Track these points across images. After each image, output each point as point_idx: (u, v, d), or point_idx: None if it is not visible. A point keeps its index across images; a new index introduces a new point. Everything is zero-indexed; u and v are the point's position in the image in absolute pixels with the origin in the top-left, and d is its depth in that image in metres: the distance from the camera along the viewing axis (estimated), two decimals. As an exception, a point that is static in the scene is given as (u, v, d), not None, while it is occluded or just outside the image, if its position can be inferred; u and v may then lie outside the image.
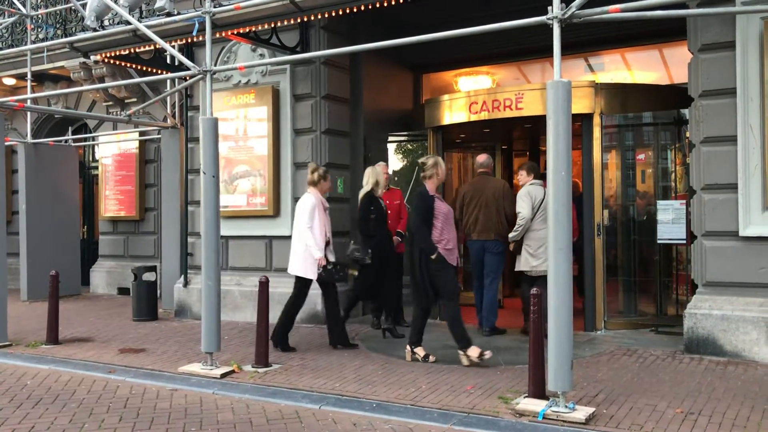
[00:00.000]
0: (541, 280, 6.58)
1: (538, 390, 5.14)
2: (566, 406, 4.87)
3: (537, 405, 4.97)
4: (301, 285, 7.32)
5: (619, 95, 8.10)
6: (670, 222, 7.43)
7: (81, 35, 8.67)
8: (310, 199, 7.24)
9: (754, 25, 6.38)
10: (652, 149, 8.57)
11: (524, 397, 5.20)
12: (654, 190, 8.40)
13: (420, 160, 6.93)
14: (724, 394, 5.31)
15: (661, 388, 5.54)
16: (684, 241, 7.43)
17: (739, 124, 6.46)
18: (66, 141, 12.71)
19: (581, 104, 7.70)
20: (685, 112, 7.30)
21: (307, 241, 7.10)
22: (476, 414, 5.01)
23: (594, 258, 7.80)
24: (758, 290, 6.38)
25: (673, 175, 8.42)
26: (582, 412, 4.83)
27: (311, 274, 7.18)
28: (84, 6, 8.20)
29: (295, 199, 8.90)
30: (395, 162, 10.70)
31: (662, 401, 5.17)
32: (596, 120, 7.85)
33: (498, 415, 4.98)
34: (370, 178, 7.92)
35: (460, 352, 6.46)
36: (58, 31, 11.92)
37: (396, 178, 10.62)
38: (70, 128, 13.18)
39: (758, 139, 6.37)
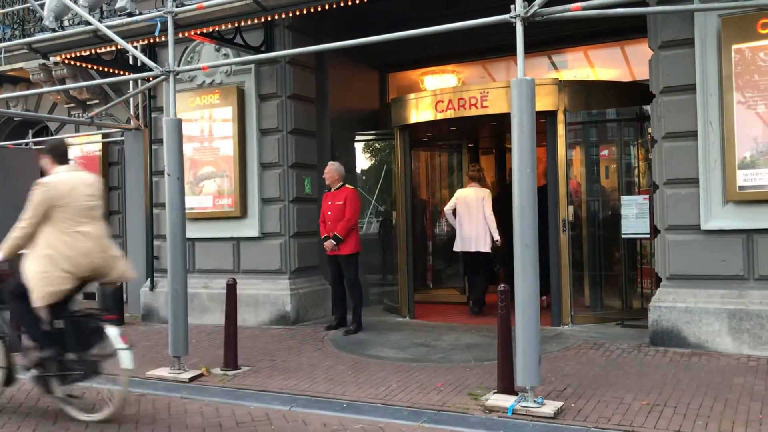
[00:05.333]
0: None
1: (507, 385, 5.18)
2: (535, 401, 4.92)
3: (506, 400, 5.01)
4: (487, 258, 9.02)
5: (583, 92, 8.20)
6: (633, 217, 7.55)
7: (40, 36, 8.50)
8: (488, 192, 8.99)
9: (711, 22, 6.50)
10: (615, 145, 8.70)
11: (494, 393, 5.24)
12: (618, 186, 8.52)
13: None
14: (688, 385, 5.41)
15: (627, 380, 5.63)
16: (648, 236, 7.56)
17: (699, 119, 6.58)
18: (26, 144, 12.45)
19: (545, 101, 7.78)
20: (647, 108, 7.41)
21: (492, 225, 8.75)
22: (446, 411, 5.04)
23: (560, 253, 7.89)
24: (720, 282, 6.51)
25: (637, 170, 8.56)
26: (550, 407, 4.88)
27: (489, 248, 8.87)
28: (42, 6, 8.03)
29: (263, 200, 8.87)
30: (363, 161, 10.69)
31: (629, 394, 5.25)
32: (560, 117, 7.93)
33: (468, 411, 5.02)
34: None
35: None
36: (16, 32, 11.66)
37: (364, 177, 10.62)
38: (30, 131, 12.88)
39: (717, 134, 6.49)
